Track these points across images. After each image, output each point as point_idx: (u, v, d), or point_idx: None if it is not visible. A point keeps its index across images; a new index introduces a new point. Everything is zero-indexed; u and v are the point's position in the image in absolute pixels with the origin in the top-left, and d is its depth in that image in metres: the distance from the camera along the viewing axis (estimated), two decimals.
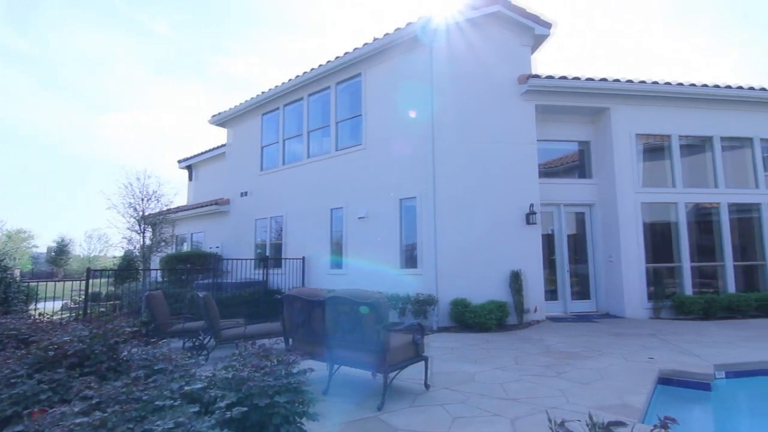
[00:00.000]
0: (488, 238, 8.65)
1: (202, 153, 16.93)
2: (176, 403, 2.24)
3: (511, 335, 7.35)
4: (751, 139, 10.19)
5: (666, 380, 4.91)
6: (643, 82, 9.43)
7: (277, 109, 12.48)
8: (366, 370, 4.49)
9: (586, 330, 7.70)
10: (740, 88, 9.85)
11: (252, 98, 12.77)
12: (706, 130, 9.99)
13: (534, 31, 9.40)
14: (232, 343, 6.12)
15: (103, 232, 45.40)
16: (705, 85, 9.68)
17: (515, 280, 8.47)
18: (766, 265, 9.83)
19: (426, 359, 4.41)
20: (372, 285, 8.53)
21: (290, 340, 4.84)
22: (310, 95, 11.55)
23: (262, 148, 12.91)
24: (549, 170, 10.11)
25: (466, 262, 8.48)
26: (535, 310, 8.69)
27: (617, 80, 9.33)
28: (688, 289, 9.34)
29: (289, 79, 11.61)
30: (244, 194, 13.23)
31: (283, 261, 11.16)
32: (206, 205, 14.36)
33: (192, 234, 15.86)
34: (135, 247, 11.90)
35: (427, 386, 4.39)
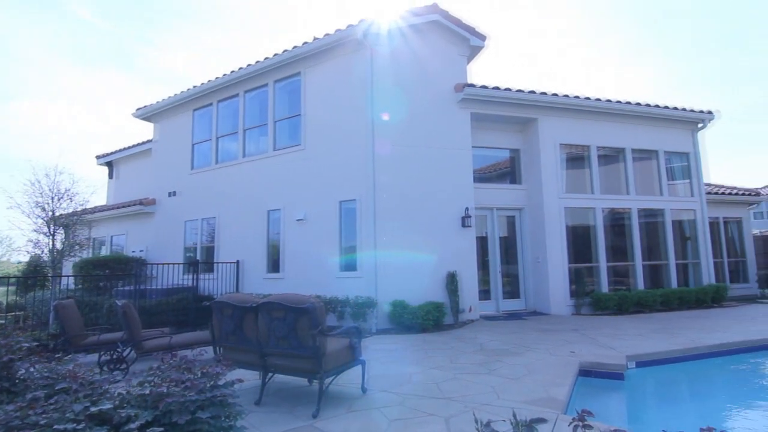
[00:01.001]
0: (426, 241, 8.82)
1: (124, 149, 15.60)
2: (80, 427, 1.99)
3: (448, 335, 7.53)
4: (656, 152, 11.39)
5: (586, 372, 5.28)
6: (567, 96, 10.18)
7: (211, 104, 11.84)
8: (302, 377, 4.35)
9: (516, 327, 8.11)
10: (647, 105, 10.99)
11: (183, 92, 12.01)
12: (619, 142, 11.00)
13: (470, 42, 9.80)
14: (156, 355, 5.65)
15: (5, 235, 40.29)
16: (618, 101, 10.66)
17: (451, 282, 8.72)
18: (669, 264, 11.01)
19: (363, 363, 4.36)
20: (311, 289, 8.38)
21: (220, 349, 4.57)
22: (246, 92, 11.10)
23: (193, 145, 12.17)
24: (483, 176, 10.56)
25: (405, 264, 8.58)
26: (470, 310, 9.00)
27: (544, 93, 9.98)
28: (605, 287, 10.20)
29: (224, 74, 11.08)
30: (172, 194, 12.38)
31: (215, 265, 10.57)
32: (129, 205, 13.24)
33: (112, 237, 14.53)
34: (43, 251, 10.67)
35: (364, 390, 4.35)
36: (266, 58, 10.22)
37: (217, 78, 11.22)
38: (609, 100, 10.58)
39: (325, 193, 9.22)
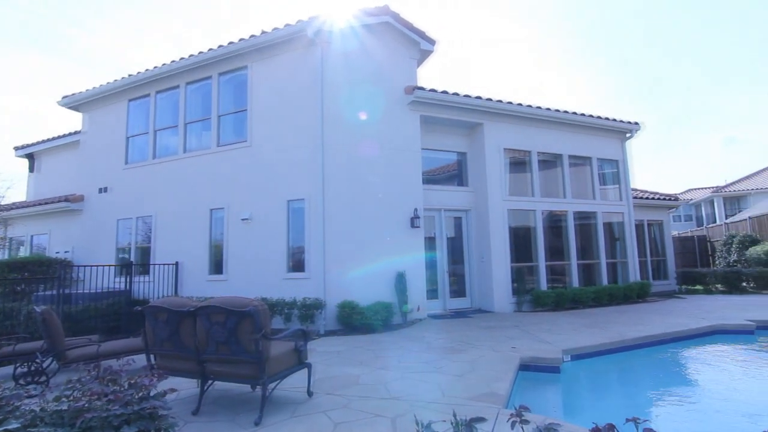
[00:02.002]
0: (376, 241, 8.84)
1: (48, 140, 14.21)
2: None
3: (396, 335, 7.58)
4: (590, 158, 12.19)
5: (525, 366, 5.52)
6: (510, 102, 10.64)
7: (148, 95, 11.11)
8: (244, 384, 4.18)
9: (461, 325, 8.33)
10: (582, 114, 11.74)
11: (117, 80, 11.16)
12: (557, 148, 11.66)
13: (420, 45, 9.96)
14: (78, 366, 5.18)
15: None
16: (557, 110, 11.30)
17: (400, 281, 8.80)
18: (600, 263, 11.83)
19: (309, 366, 4.26)
20: (257, 291, 8.11)
21: (154, 357, 4.27)
22: (188, 83, 10.53)
23: (128, 138, 11.35)
24: (432, 177, 10.77)
25: (355, 265, 8.54)
26: (418, 309, 9.13)
27: (489, 99, 10.36)
28: (544, 285, 10.76)
29: (164, 64, 10.43)
30: (103, 190, 11.46)
31: (151, 267, 9.92)
32: (53, 202, 12.08)
33: (33, 236, 13.19)
34: None
35: (310, 394, 4.25)
36: (210, 50, 9.76)
37: (156, 67, 10.55)
38: (548, 109, 11.18)
39: (272, 192, 8.96)
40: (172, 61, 10.29)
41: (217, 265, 9.51)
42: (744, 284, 13.36)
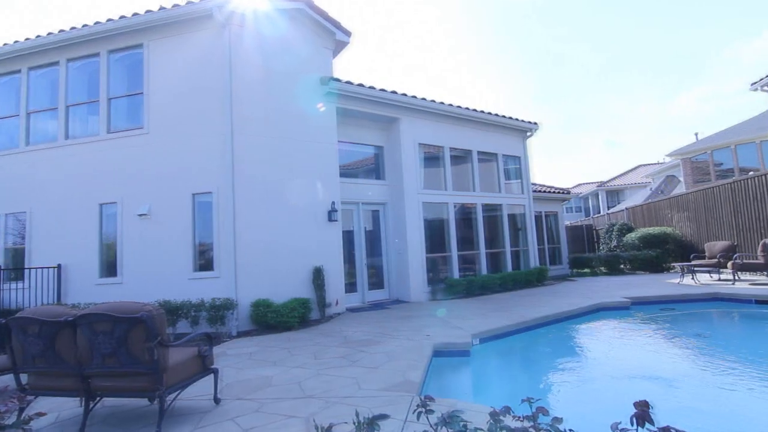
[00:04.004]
0: (292, 236, 8.56)
1: None
2: None
3: (313, 331, 7.43)
4: (496, 155, 13.06)
5: (438, 353, 5.73)
6: (424, 99, 10.95)
7: (18, 71, 9.52)
8: (139, 398, 3.76)
9: (379, 317, 8.43)
10: (490, 113, 12.50)
11: None
12: (468, 144, 12.30)
13: (335, 36, 9.79)
14: None
15: None
16: (467, 108, 11.90)
17: (318, 276, 8.63)
18: (505, 252, 12.77)
19: (215, 371, 3.97)
20: (158, 294, 7.41)
21: (24, 377, 3.66)
22: (70, 60, 9.21)
23: None
24: (350, 171, 10.71)
25: (269, 261, 8.19)
26: (336, 303, 9.05)
27: (404, 94, 10.56)
28: (456, 274, 11.33)
29: (38, 36, 8.99)
30: None
31: (27, 271, 8.57)
32: None
33: None
34: None
35: (217, 401, 3.96)
36: (97, 23, 8.64)
37: (28, 39, 9.06)
38: (460, 107, 11.72)
39: (175, 185, 8.21)
40: (50, 34, 8.92)
41: (109, 267, 8.50)
42: (622, 266, 15.37)
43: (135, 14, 8.45)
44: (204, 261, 8.17)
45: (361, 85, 9.74)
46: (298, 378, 4.64)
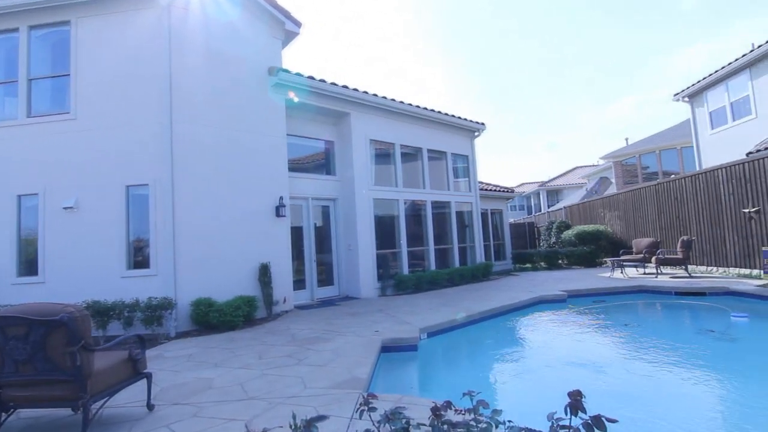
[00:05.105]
0: (237, 232, 8.22)
1: None
2: None
3: (259, 329, 7.19)
4: (445, 153, 13.33)
5: (387, 348, 5.76)
6: (375, 95, 10.93)
7: None
8: (60, 408, 3.43)
9: (328, 314, 8.33)
10: (439, 112, 12.73)
11: None
12: (418, 142, 12.45)
13: (285, 25, 9.50)
14: None
15: None
16: (417, 106, 12.03)
17: (264, 273, 8.37)
18: (453, 248, 13.10)
19: (149, 375, 3.71)
20: (86, 294, 6.87)
21: None
22: None
23: None
24: (300, 165, 10.47)
25: (212, 258, 7.82)
26: (284, 301, 8.83)
27: (356, 90, 10.47)
28: (405, 269, 11.45)
29: None
30: None
31: None
32: None
33: None
34: None
35: (150, 407, 3.71)
36: None
37: None
38: (411, 104, 11.82)
39: (106, 176, 7.60)
40: None
41: (29, 265, 7.71)
42: (560, 261, 16.30)
43: None
44: (140, 258, 7.64)
45: (311, 77, 9.52)
46: (240, 379, 4.45)
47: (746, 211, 10.02)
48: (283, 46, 9.82)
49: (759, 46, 12.07)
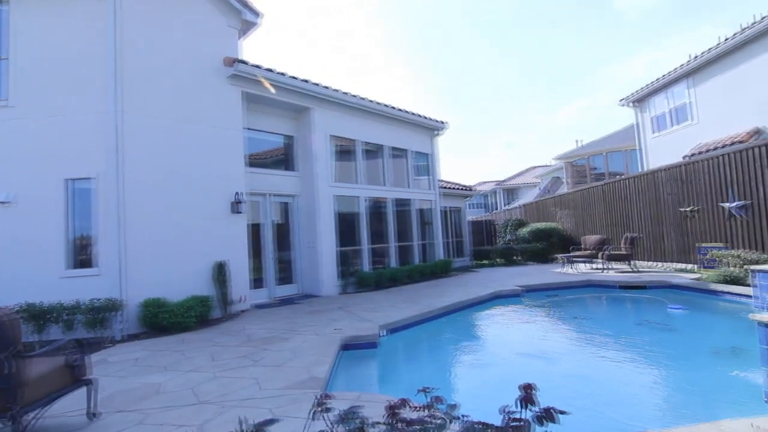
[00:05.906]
0: (191, 228, 7.88)
1: None
2: None
3: (213, 330, 6.93)
4: (407, 151, 13.41)
5: (347, 346, 5.72)
6: (337, 90, 10.80)
7: None
8: None
9: (287, 312, 8.17)
10: (401, 110, 12.78)
11: None
12: (380, 139, 12.44)
13: (243, 15, 9.19)
14: None
15: None
16: (379, 103, 12.01)
17: (220, 272, 8.08)
18: (414, 245, 13.22)
19: (89, 382, 3.47)
20: (22, 295, 6.40)
21: None
22: None
23: None
24: (258, 161, 10.17)
25: (164, 257, 7.45)
26: (242, 300, 8.57)
27: (317, 84, 10.30)
28: (367, 267, 11.43)
29: None
30: None
31: None
32: None
33: None
34: None
35: (93, 416, 3.47)
36: None
37: None
38: (372, 101, 11.79)
39: (45, 168, 7.05)
40: None
41: None
42: (516, 258, 16.86)
43: None
44: (84, 257, 7.16)
45: (270, 70, 9.26)
46: (192, 383, 4.26)
47: (683, 210, 10.78)
48: (242, 37, 9.50)
49: (695, 57, 12.99)
